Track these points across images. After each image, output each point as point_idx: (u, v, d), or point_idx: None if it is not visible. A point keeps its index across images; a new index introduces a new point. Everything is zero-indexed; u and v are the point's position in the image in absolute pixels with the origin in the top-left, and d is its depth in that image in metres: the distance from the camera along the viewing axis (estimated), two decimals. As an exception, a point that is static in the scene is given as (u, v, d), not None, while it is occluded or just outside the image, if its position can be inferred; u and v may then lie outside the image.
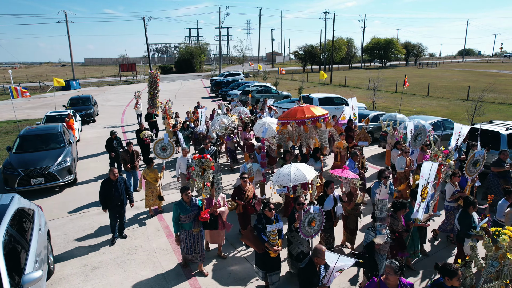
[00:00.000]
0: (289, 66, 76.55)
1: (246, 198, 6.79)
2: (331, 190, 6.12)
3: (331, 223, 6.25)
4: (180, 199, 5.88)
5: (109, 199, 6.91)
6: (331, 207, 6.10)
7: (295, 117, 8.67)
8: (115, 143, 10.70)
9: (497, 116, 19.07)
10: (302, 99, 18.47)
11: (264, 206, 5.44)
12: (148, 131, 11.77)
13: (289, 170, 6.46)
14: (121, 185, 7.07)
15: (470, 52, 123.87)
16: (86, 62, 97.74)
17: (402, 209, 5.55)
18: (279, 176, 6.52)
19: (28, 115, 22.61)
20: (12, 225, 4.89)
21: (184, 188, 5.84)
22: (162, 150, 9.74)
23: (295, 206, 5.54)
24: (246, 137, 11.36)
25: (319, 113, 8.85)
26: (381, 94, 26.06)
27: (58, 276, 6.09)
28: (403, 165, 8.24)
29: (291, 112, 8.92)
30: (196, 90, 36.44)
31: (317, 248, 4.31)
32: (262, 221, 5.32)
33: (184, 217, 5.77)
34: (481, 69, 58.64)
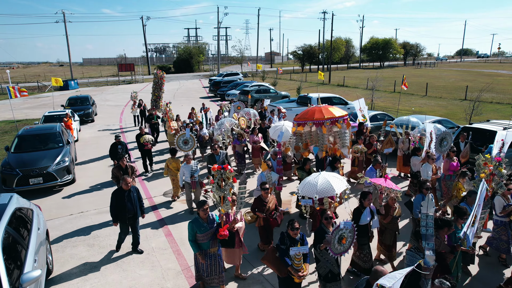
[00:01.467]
0: (287, 66, 76.60)
1: (267, 210, 6.27)
2: (368, 202, 5.59)
3: (366, 239, 5.73)
4: (195, 216, 5.32)
5: (121, 211, 6.35)
6: (368, 221, 5.60)
7: (313, 118, 8.07)
8: (120, 149, 9.96)
9: (494, 115, 19.14)
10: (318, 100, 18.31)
11: (288, 224, 4.87)
12: (149, 135, 11.19)
13: (317, 180, 5.81)
14: (134, 195, 6.52)
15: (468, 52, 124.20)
16: (84, 62, 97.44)
17: (446, 228, 4.91)
18: (305, 186, 5.87)
19: (26, 115, 22.56)
20: (11, 224, 4.89)
21: (201, 203, 5.24)
22: (184, 144, 9.77)
23: (322, 221, 5.08)
24: (254, 140, 11.00)
25: (338, 114, 8.28)
26: (379, 94, 26.10)
27: (57, 275, 6.10)
28: (429, 172, 7.65)
29: (309, 112, 8.34)
30: (194, 90, 36.43)
31: (377, 270, 3.76)
32: (286, 242, 4.78)
33: (201, 236, 5.20)
34: (479, 69, 58.82)
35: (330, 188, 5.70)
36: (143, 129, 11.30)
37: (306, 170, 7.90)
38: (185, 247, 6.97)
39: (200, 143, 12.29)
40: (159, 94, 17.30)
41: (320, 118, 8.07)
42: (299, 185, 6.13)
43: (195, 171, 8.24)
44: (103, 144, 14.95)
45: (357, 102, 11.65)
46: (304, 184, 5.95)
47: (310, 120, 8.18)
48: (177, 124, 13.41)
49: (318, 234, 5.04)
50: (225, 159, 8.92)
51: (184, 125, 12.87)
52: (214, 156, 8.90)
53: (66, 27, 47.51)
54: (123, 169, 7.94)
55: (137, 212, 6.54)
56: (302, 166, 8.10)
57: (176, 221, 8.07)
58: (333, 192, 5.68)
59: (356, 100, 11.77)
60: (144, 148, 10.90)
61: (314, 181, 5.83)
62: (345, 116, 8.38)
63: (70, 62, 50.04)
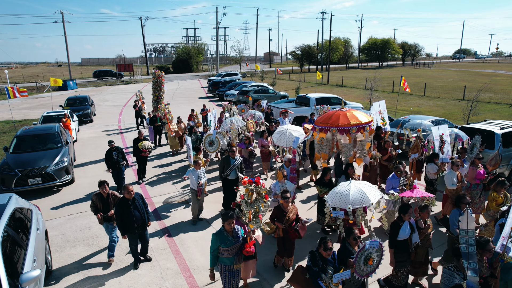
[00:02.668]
0: (286, 66, 76.65)
1: (288, 220, 5.80)
2: (408, 216, 5.15)
3: (406, 255, 5.22)
4: (220, 228, 4.96)
5: (129, 221, 5.95)
6: (407, 235, 5.13)
7: (337, 124, 7.29)
8: (115, 155, 9.30)
9: (492, 115, 19.23)
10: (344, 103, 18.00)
11: (320, 242, 4.46)
12: (147, 141, 10.31)
13: (348, 190, 5.33)
14: (139, 202, 6.14)
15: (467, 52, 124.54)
16: (83, 62, 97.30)
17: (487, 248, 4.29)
18: (336, 197, 5.37)
19: (25, 115, 22.54)
20: (10, 224, 4.91)
21: (226, 216, 4.87)
22: (210, 145, 9.45)
23: (348, 240, 4.65)
24: (264, 144, 10.44)
25: (365, 120, 7.48)
26: (378, 94, 26.18)
27: (56, 275, 6.12)
28: (454, 180, 7.14)
29: (333, 117, 7.48)
30: (193, 90, 36.44)
31: None
32: (318, 263, 4.36)
33: (225, 250, 4.87)
34: (477, 69, 58.98)
35: (364, 198, 5.20)
36: (142, 133, 10.46)
37: (326, 182, 7.15)
38: (183, 247, 7.00)
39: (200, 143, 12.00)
40: (160, 95, 16.63)
41: (345, 124, 7.26)
42: (328, 196, 5.63)
43: (202, 178, 7.83)
44: (102, 145, 14.95)
45: (377, 104, 10.76)
46: (334, 194, 5.44)
47: (334, 126, 7.35)
48: (180, 126, 13.02)
49: (342, 254, 4.61)
50: (240, 166, 8.30)
51: (188, 128, 12.47)
52: (229, 159, 8.19)
53: (65, 27, 47.47)
54: (104, 199, 6.38)
55: (145, 220, 6.20)
56: (321, 177, 7.25)
57: (175, 221, 8.10)
58: (368, 202, 5.19)
59: (376, 102, 10.88)
60: (141, 154, 10.12)
61: (346, 190, 5.33)
62: (370, 123, 7.67)
63: (69, 62, 49.99)
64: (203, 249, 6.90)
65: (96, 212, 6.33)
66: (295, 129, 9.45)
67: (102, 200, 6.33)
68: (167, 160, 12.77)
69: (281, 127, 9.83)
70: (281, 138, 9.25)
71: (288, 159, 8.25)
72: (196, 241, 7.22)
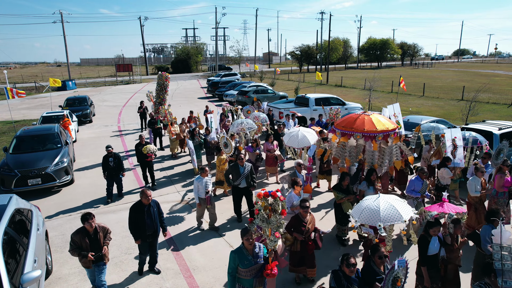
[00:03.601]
0: (285, 66, 76.69)
1: (307, 232, 5.45)
2: (434, 232, 4.85)
3: (436, 271, 4.92)
4: (240, 246, 4.47)
5: (141, 227, 5.73)
6: (437, 250, 4.85)
7: (363, 129, 6.82)
8: (111, 161, 8.96)
9: (491, 116, 19.29)
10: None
11: (342, 259, 4.14)
12: (151, 145, 9.69)
13: (378, 205, 4.82)
14: (154, 210, 5.88)
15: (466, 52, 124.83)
16: (82, 62, 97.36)
17: None
18: (364, 212, 4.86)
19: (24, 116, 22.53)
20: (11, 225, 4.92)
21: (245, 231, 4.39)
22: (225, 146, 9.26)
23: (373, 258, 4.26)
24: (269, 148, 10.08)
25: (391, 127, 6.99)
26: (377, 94, 26.25)
27: (56, 275, 6.13)
28: (478, 187, 6.76)
29: (357, 121, 6.98)
30: (192, 90, 36.46)
31: None
32: (343, 283, 4.01)
33: (244, 271, 4.36)
34: (476, 69, 59.12)
35: (395, 214, 4.71)
36: (143, 137, 10.05)
37: (344, 188, 6.77)
38: (183, 247, 7.02)
39: (207, 149, 11.47)
40: (164, 97, 16.20)
41: (371, 131, 6.75)
42: (352, 210, 5.13)
43: (209, 186, 7.48)
44: (101, 145, 14.95)
45: (391, 107, 10.27)
46: (361, 210, 4.91)
47: (359, 132, 6.86)
48: (181, 128, 12.67)
49: (366, 274, 4.24)
50: (251, 174, 7.81)
51: (190, 130, 12.09)
52: (238, 167, 7.69)
53: (64, 28, 47.46)
54: (90, 235, 5.12)
55: (157, 229, 5.92)
56: (339, 182, 6.86)
57: (175, 221, 8.12)
58: (400, 219, 4.67)
59: (390, 105, 10.39)
60: (146, 159, 9.61)
61: (374, 205, 4.84)
62: (396, 129, 7.22)
63: (68, 63, 49.95)
64: (203, 249, 6.93)
65: (80, 253, 5.00)
66: (308, 130, 9.12)
67: (89, 237, 5.08)
68: (168, 163, 12.51)
69: (293, 129, 9.52)
70: (293, 139, 8.98)
71: (298, 164, 7.65)
72: (196, 241, 7.23)
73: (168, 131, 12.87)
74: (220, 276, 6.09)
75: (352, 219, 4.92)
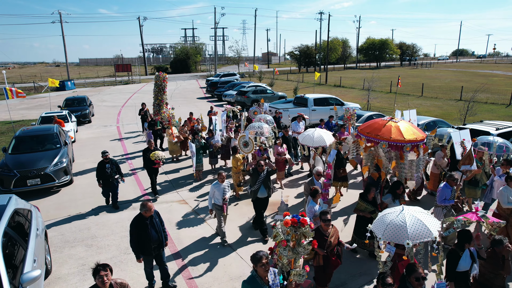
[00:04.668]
0: (284, 67, 76.77)
1: (330, 246, 5.11)
2: (471, 243, 4.48)
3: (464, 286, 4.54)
4: (252, 273, 3.94)
5: (146, 242, 5.28)
6: (468, 267, 4.48)
7: (389, 137, 6.34)
8: (109, 168, 8.45)
9: (489, 116, 19.35)
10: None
11: (378, 279, 3.85)
12: (160, 151, 9.17)
13: (404, 220, 4.34)
14: (156, 220, 5.49)
15: (464, 53, 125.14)
16: (80, 62, 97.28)
17: None
18: (389, 229, 4.35)
19: (23, 116, 22.52)
20: (10, 225, 4.95)
21: (259, 258, 3.82)
22: (244, 146, 9.07)
23: (409, 279, 3.87)
24: (279, 152, 9.68)
25: (420, 136, 6.50)
26: (375, 95, 26.32)
27: (55, 275, 6.15)
28: (510, 198, 6.17)
29: (384, 129, 6.45)
30: (191, 90, 36.46)
31: None
32: None
33: None
34: (474, 69, 59.26)
35: (424, 230, 4.25)
36: (152, 143, 9.47)
37: (370, 200, 6.30)
38: (182, 247, 7.05)
39: (210, 153, 11.07)
40: (163, 98, 15.67)
41: (399, 140, 6.25)
42: (374, 226, 4.66)
43: (227, 192, 7.09)
44: (100, 145, 14.97)
45: (407, 112, 9.90)
46: (385, 225, 4.43)
47: (385, 140, 6.36)
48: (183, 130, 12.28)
49: None
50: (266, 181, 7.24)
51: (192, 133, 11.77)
52: (257, 173, 7.21)
53: (63, 28, 47.42)
54: None
55: (163, 240, 5.54)
56: (364, 194, 6.41)
57: (173, 220, 8.14)
58: (430, 235, 4.21)
59: (407, 110, 10.05)
60: (154, 166, 9.01)
61: (400, 221, 4.35)
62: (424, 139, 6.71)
63: (67, 63, 49.89)
64: (202, 248, 6.95)
65: None
66: (325, 131, 8.95)
67: None
68: (169, 166, 12.08)
69: (309, 129, 9.32)
70: (308, 138, 8.75)
71: (317, 172, 7.03)
72: (195, 241, 7.26)
73: (168, 134, 12.47)
74: (219, 275, 6.13)
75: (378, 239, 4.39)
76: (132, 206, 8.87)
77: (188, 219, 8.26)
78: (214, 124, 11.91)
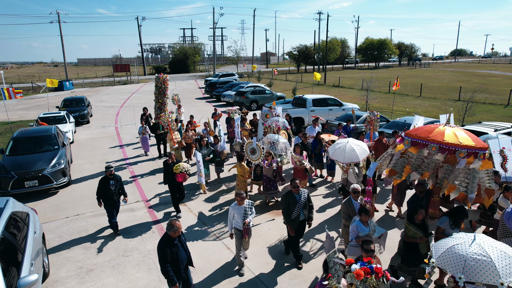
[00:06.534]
0: (283, 67, 76.79)
1: None
2: None
3: None
4: None
5: (173, 264, 4.78)
6: None
7: (442, 140, 5.64)
8: (113, 185, 7.36)
9: (487, 116, 19.38)
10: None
11: None
12: (185, 163, 8.05)
13: (484, 253, 3.60)
14: (183, 239, 5.01)
15: (462, 53, 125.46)
16: (79, 62, 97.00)
17: None
18: (468, 264, 3.58)
19: (21, 117, 22.44)
20: (7, 229, 4.92)
21: None
22: (251, 153, 8.64)
23: None
24: (299, 160, 8.89)
25: (480, 145, 5.73)
26: (374, 95, 26.34)
27: (53, 278, 6.12)
28: None
29: (437, 133, 5.80)
30: (190, 91, 36.41)
31: None
32: None
33: None
34: (473, 69, 59.39)
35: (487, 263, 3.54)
36: (174, 155, 8.41)
37: (418, 224, 5.48)
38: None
39: (216, 161, 10.24)
40: (163, 101, 14.88)
41: (453, 144, 5.53)
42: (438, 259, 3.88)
43: (249, 214, 6.05)
44: (98, 146, 14.95)
45: (443, 117, 9.15)
46: (461, 259, 3.64)
47: (436, 143, 5.67)
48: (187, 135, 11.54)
49: None
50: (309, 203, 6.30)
51: (198, 138, 10.96)
52: (292, 195, 6.14)
53: (61, 28, 47.29)
54: None
55: (190, 260, 5.11)
56: (411, 215, 5.59)
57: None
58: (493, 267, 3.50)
59: (443, 115, 9.28)
60: (179, 180, 7.96)
61: (480, 254, 3.59)
62: (485, 149, 5.77)
63: (65, 63, 49.76)
64: (200, 251, 6.92)
65: None
66: (358, 143, 7.74)
67: None
68: None
69: (341, 140, 8.10)
70: (338, 152, 7.54)
71: (354, 190, 6.09)
72: (194, 243, 7.23)
73: (169, 139, 11.63)
74: (218, 278, 6.10)
75: (458, 278, 3.56)
76: (130, 208, 8.82)
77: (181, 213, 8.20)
78: (219, 130, 11.29)
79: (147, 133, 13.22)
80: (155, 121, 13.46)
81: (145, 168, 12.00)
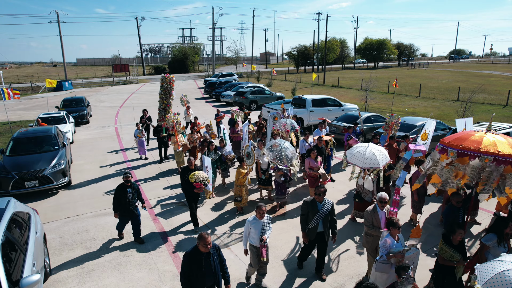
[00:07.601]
0: (282, 67, 76.82)
1: None
2: None
3: None
4: None
5: (198, 281, 4.39)
6: None
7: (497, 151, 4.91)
8: (130, 193, 6.98)
9: (486, 116, 19.43)
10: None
11: None
12: (202, 172, 7.54)
13: None
14: (215, 258, 4.54)
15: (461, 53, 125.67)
16: (78, 62, 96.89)
17: None
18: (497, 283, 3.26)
19: (20, 117, 22.44)
20: (9, 229, 4.94)
21: None
22: (247, 157, 8.46)
23: None
24: (312, 166, 8.41)
25: None
26: (373, 95, 26.40)
27: (54, 279, 6.14)
28: None
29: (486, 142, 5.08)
30: (189, 91, 36.40)
31: None
32: None
33: None
34: (472, 69, 59.51)
35: None
36: (193, 162, 7.78)
37: (456, 245, 4.88)
38: (181, 249, 7.05)
39: (222, 165, 9.81)
40: (169, 102, 14.22)
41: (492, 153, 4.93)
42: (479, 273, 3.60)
43: (267, 231, 5.54)
44: (98, 146, 14.96)
45: (462, 121, 8.59)
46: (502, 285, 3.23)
47: (490, 155, 4.96)
48: (192, 138, 11.02)
49: None
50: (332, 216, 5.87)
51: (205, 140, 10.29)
52: (315, 203, 5.79)
53: (60, 28, 47.22)
54: None
55: (219, 280, 4.58)
56: (447, 235, 4.95)
57: (173, 223, 8.14)
58: None
59: (462, 119, 8.74)
60: (195, 190, 7.43)
61: None
62: None
63: (64, 63, 49.69)
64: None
65: None
66: (378, 149, 7.41)
67: None
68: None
69: (361, 144, 7.74)
70: (357, 156, 7.25)
71: (381, 199, 5.66)
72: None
73: (173, 142, 11.14)
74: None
75: None
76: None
77: (181, 214, 8.16)
78: (223, 134, 10.96)
79: (143, 136, 12.93)
80: (159, 123, 13.01)
81: (148, 171, 11.98)
